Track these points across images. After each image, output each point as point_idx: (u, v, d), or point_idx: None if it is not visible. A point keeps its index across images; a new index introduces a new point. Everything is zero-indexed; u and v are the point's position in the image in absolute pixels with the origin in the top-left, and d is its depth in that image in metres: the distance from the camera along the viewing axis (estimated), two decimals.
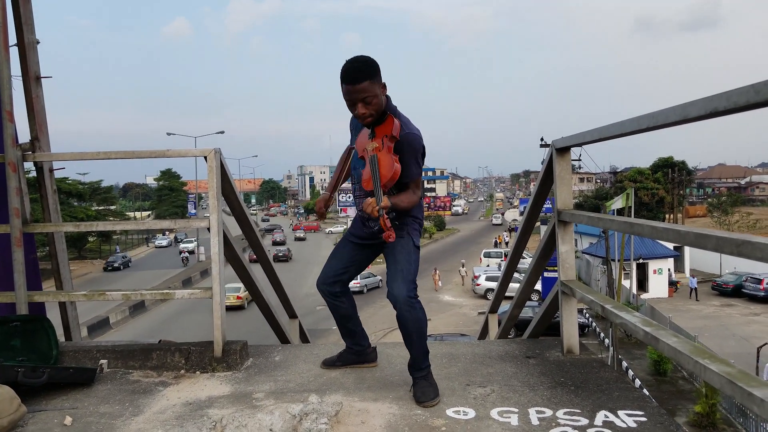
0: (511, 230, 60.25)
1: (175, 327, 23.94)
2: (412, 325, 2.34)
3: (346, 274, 2.62)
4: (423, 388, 2.35)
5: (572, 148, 2.89)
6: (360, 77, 2.23)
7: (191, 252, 46.72)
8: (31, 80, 3.48)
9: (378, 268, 45.72)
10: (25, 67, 3.46)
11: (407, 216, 2.43)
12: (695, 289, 29.01)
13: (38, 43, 3.59)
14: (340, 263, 2.62)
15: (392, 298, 2.31)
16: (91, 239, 49.57)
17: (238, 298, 26.67)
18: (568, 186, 2.87)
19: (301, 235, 62.88)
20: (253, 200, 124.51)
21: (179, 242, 55.64)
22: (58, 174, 3.82)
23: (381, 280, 33.18)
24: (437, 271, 34.61)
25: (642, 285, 29.75)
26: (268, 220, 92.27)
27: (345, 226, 56.73)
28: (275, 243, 52.66)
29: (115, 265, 41.64)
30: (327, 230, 67.52)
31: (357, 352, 2.79)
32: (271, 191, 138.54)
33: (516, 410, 2.20)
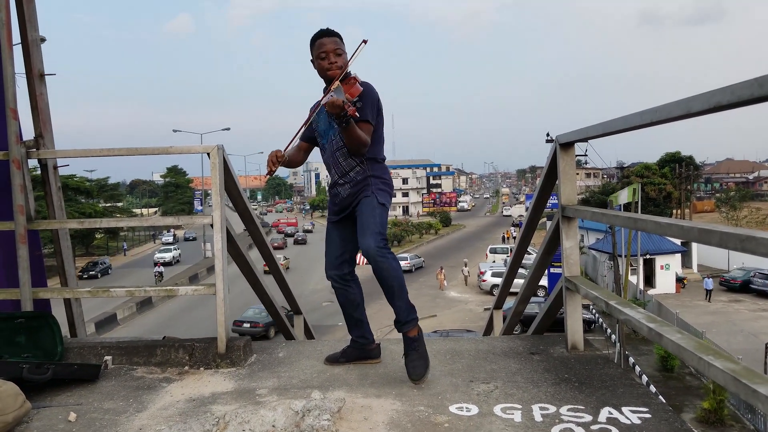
0: (515, 225, 60.12)
1: (182, 323, 24.08)
2: (389, 274, 2.47)
3: (347, 252, 2.77)
4: (414, 361, 2.46)
5: (577, 143, 2.87)
6: (334, 33, 2.63)
7: (168, 263, 42.09)
8: (35, 78, 3.49)
9: (421, 250, 46.38)
10: (29, 65, 3.47)
11: (372, 177, 2.61)
12: (710, 290, 28.35)
13: (43, 40, 3.59)
14: (336, 245, 2.77)
15: (363, 251, 2.48)
16: (98, 236, 49.49)
17: (282, 264, 26.75)
18: (572, 181, 2.85)
19: (309, 227, 67.94)
20: (259, 197, 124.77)
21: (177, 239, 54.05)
22: (64, 171, 3.84)
23: (424, 261, 39.90)
24: (443, 270, 34.23)
25: (649, 281, 29.61)
26: (266, 214, 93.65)
27: None
28: (287, 235, 61.32)
29: (92, 273, 38.83)
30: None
31: (361, 346, 2.80)
32: (277, 188, 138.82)
33: (519, 407, 2.20)
